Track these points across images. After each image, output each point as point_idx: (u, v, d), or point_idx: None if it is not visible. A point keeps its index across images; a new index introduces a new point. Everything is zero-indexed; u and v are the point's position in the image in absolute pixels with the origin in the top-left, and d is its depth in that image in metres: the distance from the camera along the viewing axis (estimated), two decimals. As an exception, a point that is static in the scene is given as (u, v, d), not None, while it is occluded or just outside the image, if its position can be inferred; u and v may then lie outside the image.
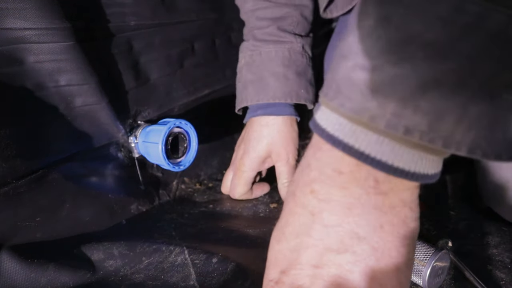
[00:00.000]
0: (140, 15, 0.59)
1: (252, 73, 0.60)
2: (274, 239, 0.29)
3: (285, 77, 0.58)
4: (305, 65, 0.60)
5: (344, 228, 0.25)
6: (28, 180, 0.46)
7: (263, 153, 0.59)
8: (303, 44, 0.60)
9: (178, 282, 0.42)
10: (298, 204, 0.27)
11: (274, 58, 0.58)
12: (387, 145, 0.23)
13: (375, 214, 0.25)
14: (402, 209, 0.26)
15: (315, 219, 0.26)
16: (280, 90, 0.58)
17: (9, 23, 0.44)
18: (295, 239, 0.27)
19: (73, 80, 0.50)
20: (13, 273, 0.41)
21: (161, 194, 0.64)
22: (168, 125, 0.51)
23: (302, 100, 0.59)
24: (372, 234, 0.25)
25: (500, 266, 0.41)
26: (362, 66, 0.22)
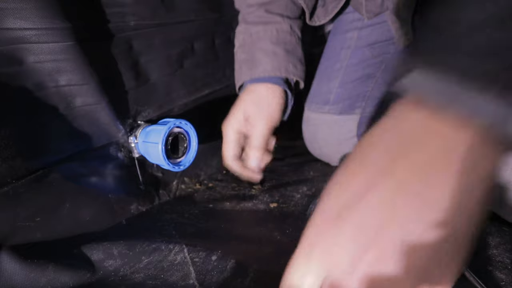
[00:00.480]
0: (140, 15, 0.59)
1: (245, 53, 0.64)
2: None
3: (274, 53, 0.61)
4: (294, 43, 0.64)
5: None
6: (28, 180, 0.46)
7: (239, 115, 0.61)
8: (291, 24, 0.63)
9: (178, 280, 0.42)
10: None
11: (262, 37, 0.62)
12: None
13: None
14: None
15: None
16: (270, 64, 0.61)
17: (9, 23, 0.44)
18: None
19: (73, 80, 0.50)
20: (13, 273, 0.41)
21: (161, 194, 0.64)
22: (168, 125, 0.51)
23: (291, 74, 0.62)
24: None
25: (500, 267, 0.41)
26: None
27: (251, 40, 0.63)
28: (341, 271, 0.25)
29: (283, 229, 0.52)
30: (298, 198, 0.62)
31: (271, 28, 0.62)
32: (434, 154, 0.24)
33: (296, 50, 0.64)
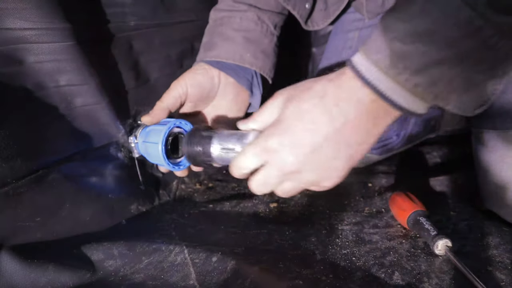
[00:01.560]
0: (140, 15, 0.59)
1: (206, 37, 0.62)
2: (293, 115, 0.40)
3: (231, 39, 0.59)
4: (259, 33, 0.61)
5: (348, 138, 0.38)
6: (28, 180, 0.46)
7: (174, 81, 0.56)
8: (259, 15, 0.62)
9: (178, 281, 0.42)
10: (324, 105, 0.38)
11: (225, 23, 0.61)
12: (399, 91, 0.35)
13: (367, 131, 0.39)
14: (381, 126, 0.39)
15: (331, 122, 0.38)
16: (224, 50, 0.59)
17: (9, 23, 0.44)
18: (311, 125, 0.38)
19: (73, 80, 0.50)
20: (13, 273, 0.41)
21: (161, 194, 0.64)
22: (168, 125, 0.51)
23: (247, 63, 0.59)
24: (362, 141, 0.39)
25: (500, 267, 0.41)
26: (401, 39, 0.34)
27: (214, 25, 0.62)
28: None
29: (283, 229, 0.52)
30: (298, 198, 0.63)
31: (235, 15, 0.61)
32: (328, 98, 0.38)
33: (260, 40, 0.61)
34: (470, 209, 0.54)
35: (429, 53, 0.33)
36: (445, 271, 0.41)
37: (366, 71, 0.36)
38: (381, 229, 0.50)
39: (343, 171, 0.41)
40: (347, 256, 0.45)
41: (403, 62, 0.34)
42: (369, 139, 0.39)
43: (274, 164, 0.40)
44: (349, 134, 0.38)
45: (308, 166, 0.39)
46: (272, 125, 0.41)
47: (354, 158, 0.40)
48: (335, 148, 0.39)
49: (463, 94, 0.35)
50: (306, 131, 0.39)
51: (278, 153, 0.40)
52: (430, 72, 0.34)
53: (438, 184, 0.63)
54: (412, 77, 0.34)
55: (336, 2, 0.63)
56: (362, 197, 0.61)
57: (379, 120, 0.38)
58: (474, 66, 0.34)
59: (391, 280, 0.40)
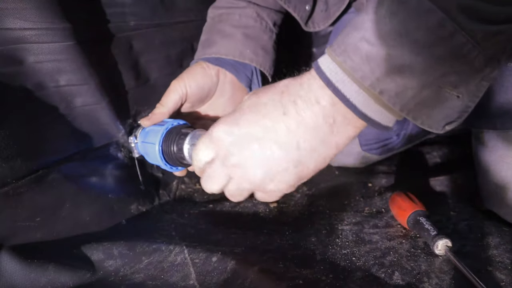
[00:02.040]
0: (140, 15, 0.59)
1: (204, 34, 0.61)
2: (249, 109, 0.38)
3: (230, 36, 0.58)
4: (258, 30, 0.61)
5: (297, 138, 0.36)
6: (28, 180, 0.46)
7: (173, 81, 0.55)
8: (259, 12, 0.61)
9: (178, 281, 0.42)
10: (281, 100, 0.36)
11: (224, 20, 0.60)
12: (363, 97, 0.33)
13: (322, 138, 0.36)
14: (340, 137, 0.37)
15: (284, 117, 0.36)
16: (224, 46, 0.57)
17: (9, 23, 0.44)
18: (262, 119, 0.37)
19: (73, 80, 0.50)
20: (13, 273, 0.41)
21: (161, 194, 0.64)
22: (165, 126, 0.51)
23: (247, 59, 0.58)
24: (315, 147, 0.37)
25: (500, 267, 0.41)
26: (368, 40, 0.32)
27: (212, 22, 0.61)
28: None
29: (283, 229, 0.52)
30: (298, 198, 0.63)
31: (234, 12, 0.60)
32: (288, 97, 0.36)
33: (259, 37, 0.60)
34: (470, 209, 0.54)
35: (395, 56, 0.31)
36: (445, 271, 0.41)
37: (329, 72, 0.34)
38: (381, 229, 0.50)
39: (289, 176, 0.37)
40: (347, 256, 0.45)
41: (369, 65, 0.32)
42: (324, 148, 0.36)
43: (219, 155, 0.38)
44: (301, 136, 0.36)
45: (252, 161, 0.37)
46: (227, 114, 0.39)
47: (304, 165, 0.37)
48: (283, 148, 0.36)
49: (433, 108, 0.33)
50: (255, 124, 0.36)
51: (223, 143, 0.38)
52: (397, 79, 0.31)
53: (438, 184, 0.63)
54: (377, 82, 0.32)
55: (336, 3, 0.63)
56: (362, 197, 0.61)
57: (337, 127, 0.35)
58: (445, 77, 0.31)
59: (391, 280, 0.40)
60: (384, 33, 0.31)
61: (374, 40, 0.31)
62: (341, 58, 0.33)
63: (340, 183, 0.68)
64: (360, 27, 0.32)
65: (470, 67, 0.31)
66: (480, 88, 0.33)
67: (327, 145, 0.36)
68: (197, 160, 0.41)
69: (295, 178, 0.37)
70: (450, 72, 0.31)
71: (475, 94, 0.33)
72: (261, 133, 0.36)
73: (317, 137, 0.36)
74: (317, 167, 0.37)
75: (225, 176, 0.39)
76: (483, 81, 0.32)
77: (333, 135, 0.36)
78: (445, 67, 0.31)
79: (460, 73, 0.31)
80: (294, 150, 0.36)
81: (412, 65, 0.31)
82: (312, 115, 0.35)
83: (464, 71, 0.31)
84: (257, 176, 0.37)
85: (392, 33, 0.31)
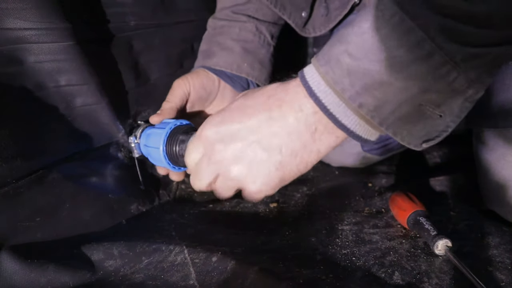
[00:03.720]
0: (140, 15, 0.59)
1: (204, 44, 0.63)
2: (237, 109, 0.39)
3: (230, 49, 0.60)
4: (257, 44, 0.62)
5: (280, 141, 0.37)
6: (28, 180, 0.46)
7: (174, 89, 0.56)
8: (258, 26, 0.62)
9: (178, 281, 0.42)
10: (267, 103, 0.38)
11: (224, 32, 0.61)
12: (343, 108, 0.34)
13: (303, 144, 0.37)
14: (322, 144, 0.38)
15: (269, 121, 0.37)
16: (223, 59, 0.59)
17: (9, 23, 0.44)
18: (248, 120, 0.38)
19: (73, 80, 0.50)
20: (13, 273, 0.41)
21: (161, 194, 0.64)
22: (167, 128, 0.51)
23: (244, 73, 0.60)
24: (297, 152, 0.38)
25: (500, 267, 0.41)
26: (350, 54, 0.32)
27: (213, 33, 0.63)
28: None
29: (283, 229, 0.52)
30: (298, 198, 0.63)
31: (234, 26, 0.61)
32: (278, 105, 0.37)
33: (257, 50, 0.62)
34: (470, 209, 0.54)
35: (375, 72, 0.31)
36: (445, 271, 0.41)
37: (312, 81, 0.35)
38: (381, 229, 0.50)
39: (271, 179, 0.39)
40: (347, 256, 0.45)
41: (349, 78, 0.32)
42: (305, 154, 0.38)
43: (206, 152, 0.40)
44: (284, 140, 0.37)
45: (235, 160, 0.38)
46: (216, 113, 0.41)
47: (285, 169, 0.38)
48: (266, 150, 0.37)
49: (412, 126, 0.33)
50: (241, 124, 0.38)
51: (210, 141, 0.39)
52: (376, 93, 0.32)
53: (438, 184, 0.63)
54: (356, 95, 0.32)
55: (338, 7, 0.63)
56: (362, 197, 0.60)
57: (319, 135, 0.37)
58: (425, 95, 0.31)
59: (391, 280, 0.40)
60: (366, 48, 0.32)
61: (356, 54, 0.32)
62: (323, 69, 0.34)
63: (340, 183, 0.68)
64: (344, 40, 0.33)
65: (451, 87, 0.31)
66: (463, 110, 0.33)
67: (309, 151, 0.37)
68: (189, 161, 0.43)
69: (276, 180, 0.39)
70: (430, 91, 0.31)
71: (457, 115, 0.33)
72: (246, 134, 0.38)
73: (299, 143, 0.37)
74: (299, 171, 0.39)
75: (211, 173, 0.41)
76: (466, 102, 0.33)
77: (315, 143, 0.37)
78: (424, 85, 0.31)
79: (440, 92, 0.31)
80: (276, 154, 0.37)
81: (391, 81, 0.31)
82: (295, 121, 0.36)
83: (444, 91, 0.31)
84: (241, 174, 0.39)
85: (374, 49, 0.31)
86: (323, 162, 0.76)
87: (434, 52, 0.30)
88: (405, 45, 0.30)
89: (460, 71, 0.30)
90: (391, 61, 0.31)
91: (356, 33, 0.32)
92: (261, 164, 0.38)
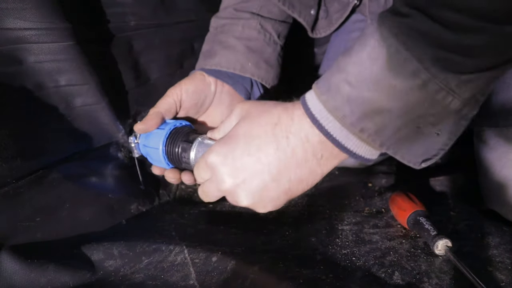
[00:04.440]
0: (140, 15, 0.59)
1: (206, 44, 0.61)
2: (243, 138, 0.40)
3: (232, 48, 0.58)
4: (262, 42, 0.60)
5: (289, 172, 0.39)
6: (28, 180, 0.46)
7: (165, 96, 0.54)
8: (262, 23, 0.60)
9: (178, 281, 0.42)
10: (274, 133, 0.39)
11: (226, 31, 0.59)
12: (345, 133, 0.35)
13: (310, 170, 0.39)
14: (326, 168, 0.40)
15: (277, 152, 0.38)
16: (225, 58, 0.57)
17: (9, 23, 0.44)
18: (256, 152, 0.39)
19: (73, 80, 0.50)
20: (13, 273, 0.41)
21: (161, 194, 0.64)
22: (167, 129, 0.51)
23: (249, 73, 0.58)
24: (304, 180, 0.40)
25: (500, 267, 0.41)
26: (349, 83, 0.34)
27: (215, 32, 0.61)
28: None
29: (283, 229, 0.52)
30: (298, 198, 0.62)
31: (237, 23, 0.59)
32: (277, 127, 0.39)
33: (263, 49, 0.60)
34: (470, 209, 0.54)
35: (374, 100, 0.33)
36: (445, 271, 0.41)
37: (314, 109, 0.36)
38: (381, 229, 0.50)
39: (279, 202, 0.41)
40: (347, 256, 0.45)
41: (350, 105, 0.34)
42: (311, 178, 0.39)
43: (214, 180, 0.41)
44: (292, 169, 0.38)
45: (244, 191, 0.40)
46: (222, 141, 0.41)
47: (292, 192, 0.40)
48: (275, 179, 0.39)
49: (411, 145, 0.35)
50: (250, 156, 0.39)
51: (219, 171, 0.40)
52: (376, 119, 0.33)
53: (438, 184, 0.63)
54: (357, 122, 0.34)
55: (338, 10, 0.62)
56: (362, 197, 0.60)
57: (324, 161, 0.38)
58: (423, 118, 0.33)
59: (391, 280, 0.40)
60: (364, 77, 0.33)
61: (355, 83, 0.33)
62: (324, 97, 0.35)
63: (340, 183, 0.68)
64: (342, 69, 0.34)
65: (447, 110, 0.33)
66: (459, 127, 0.35)
67: (314, 175, 0.39)
68: (197, 175, 0.44)
69: (284, 201, 0.41)
70: (427, 114, 0.33)
71: (454, 132, 0.35)
72: (254, 166, 0.39)
73: (306, 170, 0.39)
74: (304, 190, 0.41)
75: (219, 196, 0.43)
76: (462, 120, 0.34)
77: (320, 167, 0.39)
78: (421, 111, 0.33)
79: (436, 115, 0.33)
80: (285, 182, 0.39)
81: (389, 108, 0.33)
82: (303, 151, 0.38)
83: (440, 113, 0.33)
84: (251, 203, 0.41)
85: (372, 78, 0.33)
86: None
87: (430, 81, 0.31)
88: (401, 75, 0.32)
89: (455, 95, 0.32)
90: (388, 90, 0.32)
91: (354, 62, 0.34)
92: (271, 192, 0.40)
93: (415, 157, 0.36)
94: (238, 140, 0.40)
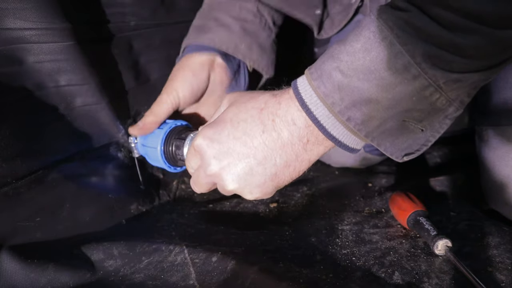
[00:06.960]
0: (140, 15, 0.59)
1: (200, 19, 0.60)
2: (229, 123, 0.40)
3: (227, 27, 0.57)
4: (257, 26, 0.59)
5: (274, 154, 0.39)
6: (28, 180, 0.46)
7: (165, 90, 0.54)
8: (260, 8, 0.60)
9: (178, 281, 0.42)
10: (260, 117, 0.39)
11: (222, 8, 0.58)
12: (332, 120, 0.36)
13: (296, 155, 0.39)
14: (312, 154, 0.40)
15: (263, 135, 0.38)
16: (219, 36, 0.56)
17: (9, 23, 0.44)
18: (242, 135, 0.39)
19: (73, 80, 0.50)
20: (13, 273, 0.41)
21: (161, 194, 0.64)
22: (166, 128, 0.51)
23: (240, 55, 0.57)
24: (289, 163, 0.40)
25: (500, 268, 0.41)
26: (341, 71, 0.34)
27: (209, 9, 0.59)
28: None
29: (283, 229, 0.52)
30: (298, 198, 0.63)
31: (234, 3, 0.58)
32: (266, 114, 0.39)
33: (258, 33, 0.59)
34: (470, 209, 0.54)
35: (364, 90, 0.33)
36: (445, 271, 0.41)
37: (304, 94, 0.37)
38: (381, 229, 0.50)
39: (266, 188, 0.40)
40: (347, 256, 0.45)
41: (339, 93, 0.34)
42: (298, 163, 0.39)
43: (202, 165, 0.41)
44: (278, 152, 0.39)
45: (230, 175, 0.40)
46: (210, 125, 0.41)
47: (279, 178, 0.40)
48: (261, 164, 0.39)
49: (395, 138, 0.36)
50: (236, 140, 0.39)
51: (205, 153, 0.40)
52: (363, 109, 0.34)
53: (438, 184, 0.63)
54: (345, 110, 0.35)
55: (340, 12, 0.62)
56: (362, 197, 0.60)
57: (310, 146, 0.38)
58: (409, 113, 0.34)
59: (391, 280, 0.40)
60: (356, 67, 0.33)
61: (347, 72, 0.34)
62: (316, 83, 0.36)
63: (340, 183, 0.68)
64: (336, 57, 0.35)
65: (433, 107, 0.34)
66: (443, 125, 0.36)
67: (300, 160, 0.39)
68: (188, 166, 0.45)
69: (271, 188, 0.41)
70: (414, 109, 0.34)
71: (437, 130, 0.36)
72: (240, 149, 0.39)
73: (292, 154, 0.39)
74: (292, 178, 0.41)
75: (209, 183, 0.43)
76: (446, 119, 0.35)
77: (306, 153, 0.39)
78: (408, 105, 0.33)
79: (423, 110, 0.34)
80: (271, 166, 0.39)
81: (378, 100, 0.33)
82: (288, 134, 0.38)
83: (427, 109, 0.34)
84: (237, 187, 0.40)
85: (363, 69, 0.33)
86: (323, 163, 0.76)
87: (419, 75, 0.32)
88: (393, 67, 0.32)
89: (442, 92, 0.33)
90: (379, 81, 0.33)
91: (348, 51, 0.34)
92: (257, 176, 0.39)
93: (398, 151, 0.37)
94: (225, 124, 0.40)
